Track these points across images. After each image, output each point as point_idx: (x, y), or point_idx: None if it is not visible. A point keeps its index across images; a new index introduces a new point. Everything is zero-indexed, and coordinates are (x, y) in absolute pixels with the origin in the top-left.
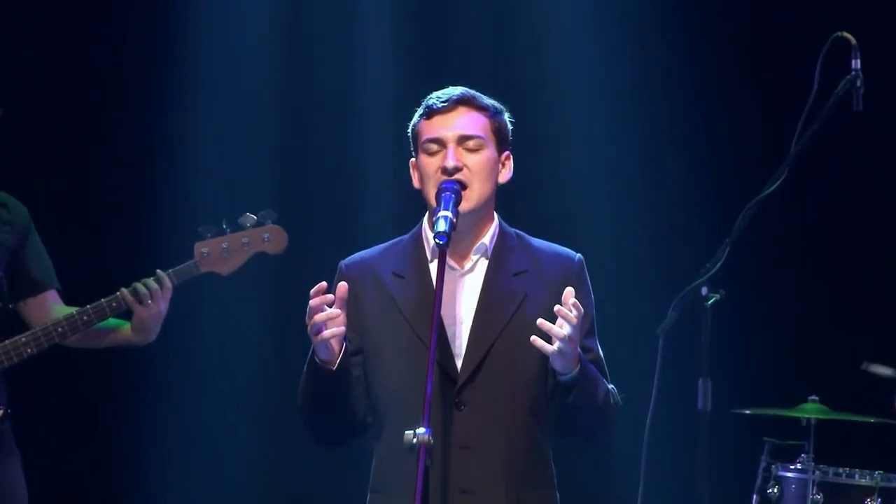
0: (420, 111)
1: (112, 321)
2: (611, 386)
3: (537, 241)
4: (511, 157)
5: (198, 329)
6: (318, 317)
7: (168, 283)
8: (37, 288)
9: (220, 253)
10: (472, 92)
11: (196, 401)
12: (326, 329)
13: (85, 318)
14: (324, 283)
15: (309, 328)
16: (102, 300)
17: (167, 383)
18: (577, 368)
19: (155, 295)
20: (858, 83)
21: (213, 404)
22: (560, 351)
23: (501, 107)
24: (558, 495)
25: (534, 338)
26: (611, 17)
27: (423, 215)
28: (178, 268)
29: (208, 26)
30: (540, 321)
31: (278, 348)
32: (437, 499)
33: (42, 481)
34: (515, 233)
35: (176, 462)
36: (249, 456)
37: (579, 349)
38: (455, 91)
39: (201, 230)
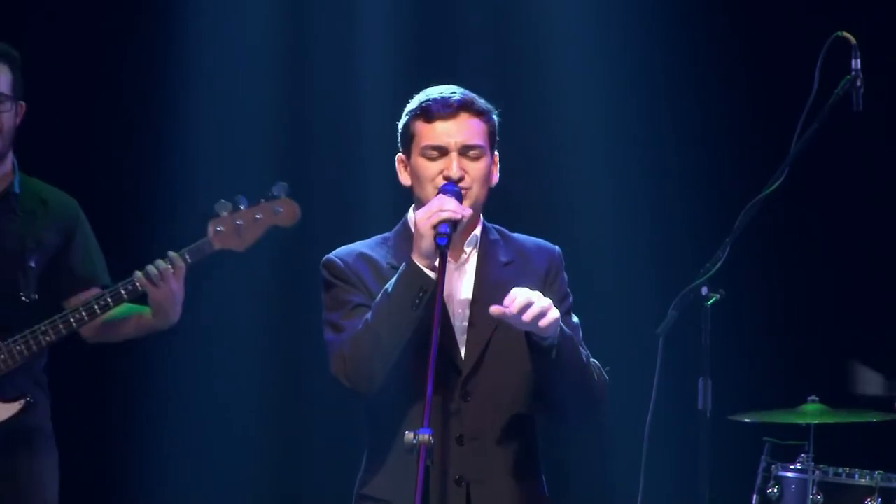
0: (415, 109)
1: (129, 307)
2: (594, 361)
3: (517, 235)
4: (497, 158)
5: (197, 326)
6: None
7: (180, 262)
8: (80, 284)
9: (233, 229)
10: (471, 94)
11: (195, 398)
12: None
13: (102, 303)
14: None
15: (432, 222)
16: (118, 284)
17: (166, 380)
18: (557, 330)
19: (165, 275)
20: (858, 83)
21: (213, 401)
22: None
23: (492, 106)
24: (545, 480)
25: (492, 308)
26: (611, 17)
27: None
28: (190, 247)
29: (208, 24)
30: (492, 308)
31: (278, 344)
32: (449, 490)
33: None
34: (494, 227)
35: (175, 459)
36: (249, 454)
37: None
38: (454, 95)
39: (216, 207)
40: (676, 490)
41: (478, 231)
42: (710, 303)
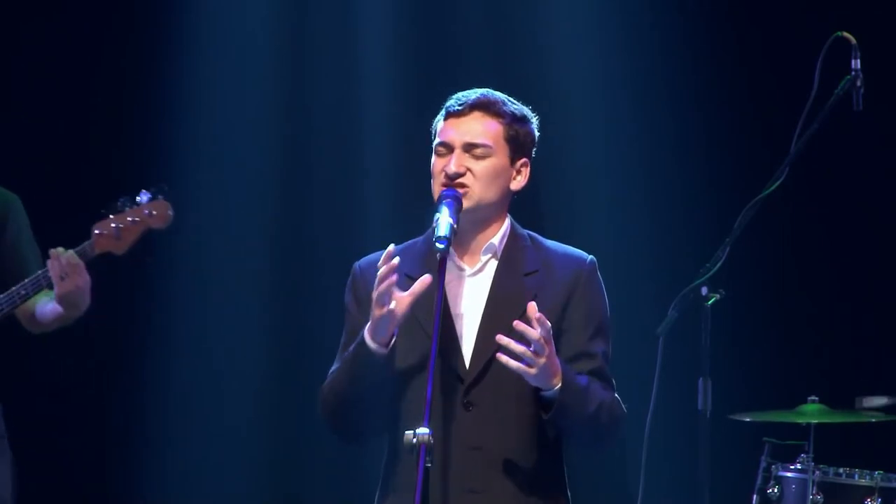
0: (442, 111)
1: (47, 295)
2: (615, 395)
3: (550, 243)
4: (528, 164)
5: (198, 327)
6: (383, 286)
7: (76, 259)
8: (10, 277)
9: (113, 232)
10: (493, 97)
11: (197, 399)
12: (391, 302)
13: (23, 291)
14: (392, 247)
15: (375, 300)
16: (38, 272)
17: (168, 382)
18: (559, 385)
19: (68, 270)
20: (858, 83)
21: (214, 403)
22: (528, 367)
23: (525, 114)
24: (569, 494)
25: (499, 354)
26: (611, 18)
27: (429, 215)
28: (76, 248)
29: (208, 26)
30: (499, 337)
31: (280, 346)
32: (447, 499)
33: (40, 481)
34: (528, 234)
35: (175, 461)
36: (250, 455)
37: (580, 351)
38: (473, 94)
39: (104, 209)
40: (676, 490)
41: (496, 239)
42: (710, 303)
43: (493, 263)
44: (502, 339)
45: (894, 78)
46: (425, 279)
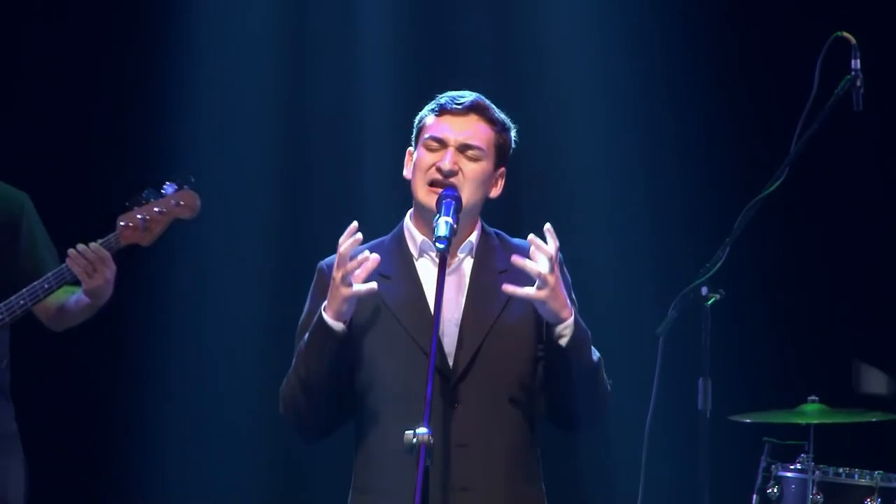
0: (432, 106)
1: (71, 290)
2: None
3: (516, 240)
4: (504, 174)
5: (198, 326)
6: (352, 264)
7: (104, 252)
8: (27, 277)
9: (139, 223)
10: (486, 102)
11: (197, 399)
12: (356, 280)
13: (45, 285)
14: (355, 224)
15: (339, 279)
16: (62, 265)
17: (167, 382)
18: (571, 318)
19: (97, 265)
20: (858, 83)
21: (214, 403)
22: (539, 289)
23: (510, 124)
24: (544, 488)
25: (504, 285)
26: (611, 17)
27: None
28: (101, 241)
29: (208, 26)
30: (514, 258)
31: (280, 346)
32: (436, 497)
33: (41, 481)
34: (495, 232)
35: (175, 461)
36: (250, 455)
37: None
38: (470, 96)
39: (128, 202)
40: (676, 490)
41: (473, 237)
42: (710, 303)
43: (469, 261)
44: (517, 261)
45: (894, 78)
46: (375, 258)
